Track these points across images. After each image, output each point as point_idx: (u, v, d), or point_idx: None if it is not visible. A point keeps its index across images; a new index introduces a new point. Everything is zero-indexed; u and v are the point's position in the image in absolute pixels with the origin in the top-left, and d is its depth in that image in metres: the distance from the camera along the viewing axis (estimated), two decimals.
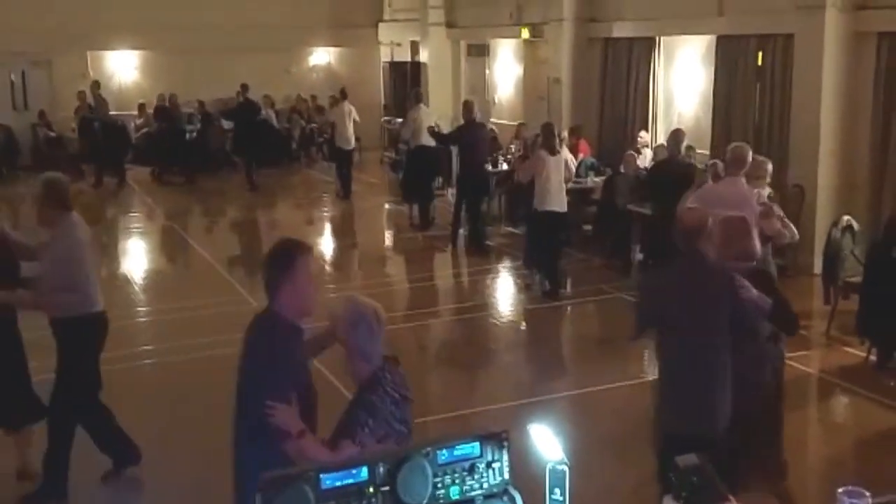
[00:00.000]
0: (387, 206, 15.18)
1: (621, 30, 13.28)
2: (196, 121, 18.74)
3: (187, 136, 18.18)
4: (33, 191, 5.46)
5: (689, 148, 9.64)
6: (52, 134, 18.12)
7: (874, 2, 9.24)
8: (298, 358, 3.34)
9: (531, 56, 16.22)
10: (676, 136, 9.01)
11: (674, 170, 8.61)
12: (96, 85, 17.47)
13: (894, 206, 8.96)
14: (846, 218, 8.37)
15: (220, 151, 18.36)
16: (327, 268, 11.83)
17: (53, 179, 5.13)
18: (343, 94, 15.89)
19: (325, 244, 13.44)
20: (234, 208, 16.10)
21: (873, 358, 7.23)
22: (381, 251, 12.93)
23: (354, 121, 15.55)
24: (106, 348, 5.58)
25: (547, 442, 2.53)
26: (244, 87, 16.72)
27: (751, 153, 6.91)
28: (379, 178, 17.51)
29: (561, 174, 9.41)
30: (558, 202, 9.40)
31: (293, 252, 3.31)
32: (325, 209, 15.58)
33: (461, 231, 11.97)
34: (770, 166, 7.03)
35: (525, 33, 15.44)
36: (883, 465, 6.00)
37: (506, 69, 17.24)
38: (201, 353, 8.09)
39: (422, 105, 13.75)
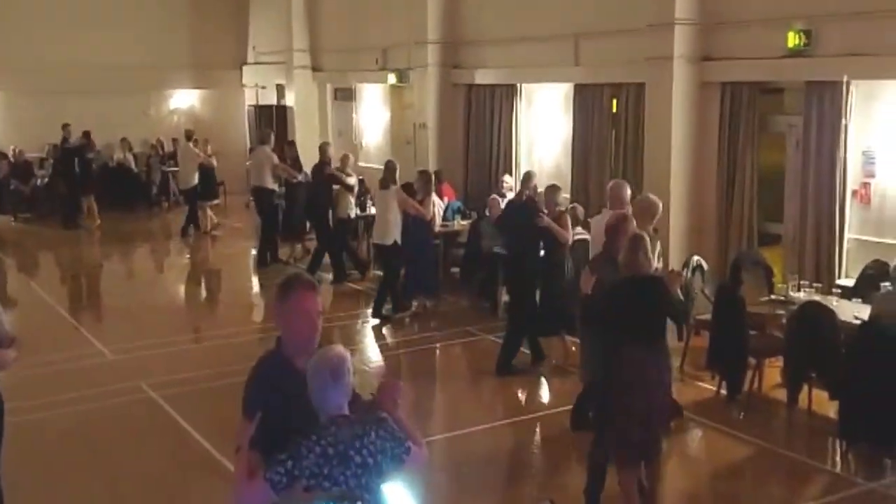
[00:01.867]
0: (253, 251, 14.86)
1: (484, 77, 13.60)
2: (48, 166, 17.88)
3: (38, 181, 17.31)
4: None
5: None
6: None
7: (718, 53, 9.83)
8: (286, 391, 3.22)
9: (397, 101, 16.37)
10: (527, 177, 9.44)
11: (518, 210, 8.83)
12: None
13: (739, 248, 9.46)
14: (696, 258, 8.78)
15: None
16: (187, 316, 11.47)
17: None
18: (188, 136, 16.32)
19: (182, 291, 13.04)
20: (89, 255, 15.42)
21: (724, 392, 7.56)
22: (245, 297, 12.65)
23: (207, 164, 15.85)
24: None
25: (399, 498, 2.49)
26: (65, 127, 16.84)
27: (627, 189, 7.38)
28: (244, 222, 17.18)
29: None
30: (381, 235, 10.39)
31: (287, 286, 3.33)
32: (186, 255, 15.14)
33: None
34: (660, 207, 7.19)
35: (391, 78, 15.58)
36: (737, 495, 6.25)
37: (373, 113, 17.32)
38: (51, 411, 7.63)
39: (263, 146, 13.68)
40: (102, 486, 6.31)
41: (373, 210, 12.79)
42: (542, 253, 8.42)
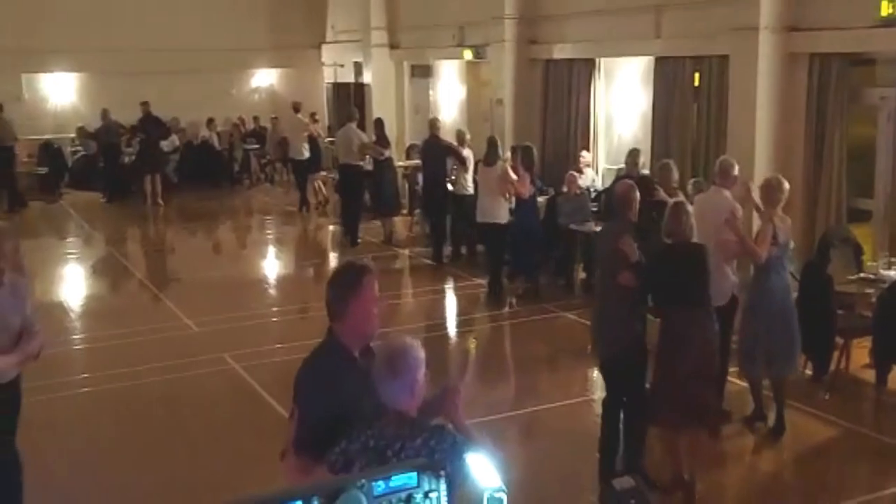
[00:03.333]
0: (331, 227, 15.11)
1: (562, 51, 13.43)
2: (135, 144, 18.42)
3: (126, 158, 17.85)
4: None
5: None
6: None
7: (805, 23, 9.49)
8: (344, 385, 3.15)
9: (474, 77, 16.31)
10: (633, 154, 9.26)
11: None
12: None
13: (827, 225, 9.17)
14: None
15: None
16: (272, 291, 11.73)
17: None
18: (295, 108, 16.56)
19: (266, 267, 13.32)
20: (174, 231, 15.88)
21: (809, 372, 7.37)
22: (325, 273, 12.85)
23: (315, 135, 16.31)
24: (40, 377, 5.40)
25: (484, 469, 2.50)
26: (144, 105, 17.11)
27: (736, 167, 7.00)
28: (321, 196, 17.42)
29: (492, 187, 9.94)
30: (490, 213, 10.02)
31: (359, 273, 3.25)
32: (268, 231, 15.46)
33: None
34: (786, 188, 6.55)
35: (468, 55, 15.53)
36: (823, 477, 6.10)
37: (449, 90, 17.31)
38: (140, 380, 7.92)
39: (350, 125, 13.81)
40: (185, 453, 6.50)
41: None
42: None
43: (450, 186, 12.22)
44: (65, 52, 18.24)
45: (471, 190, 11.69)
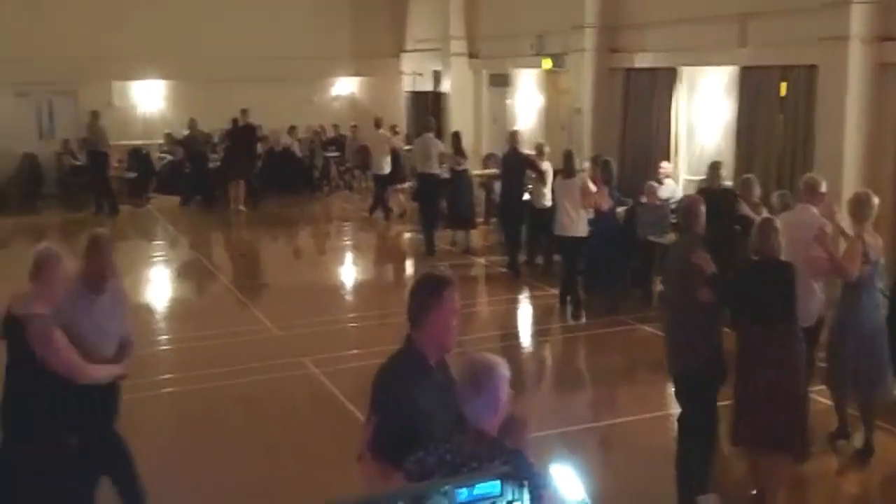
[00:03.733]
0: (407, 234, 15.24)
1: (643, 60, 13.30)
2: (220, 150, 18.94)
3: (210, 164, 18.35)
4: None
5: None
6: (77, 162, 18.29)
7: None
8: (418, 393, 3.19)
9: (553, 86, 16.27)
10: (715, 167, 9.12)
11: (712, 199, 8.57)
12: (94, 115, 17.38)
13: None
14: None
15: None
16: (349, 297, 11.90)
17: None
18: (377, 123, 16.79)
19: (344, 273, 13.51)
20: (256, 236, 16.23)
21: None
22: (401, 281, 12.98)
23: (397, 149, 16.60)
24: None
25: (568, 481, 2.50)
26: (244, 113, 17.40)
27: (823, 184, 6.90)
28: (401, 207, 17.59)
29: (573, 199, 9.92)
30: (568, 227, 9.98)
31: (440, 284, 3.31)
32: (346, 238, 15.69)
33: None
34: (876, 202, 6.39)
35: (547, 64, 15.50)
36: None
37: (527, 99, 17.30)
38: (222, 381, 8.11)
39: (428, 134, 13.92)
40: (265, 456, 6.61)
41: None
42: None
43: (527, 197, 12.21)
44: (153, 60, 18.86)
45: (549, 202, 11.63)
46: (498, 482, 2.52)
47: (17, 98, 18.55)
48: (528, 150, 12.51)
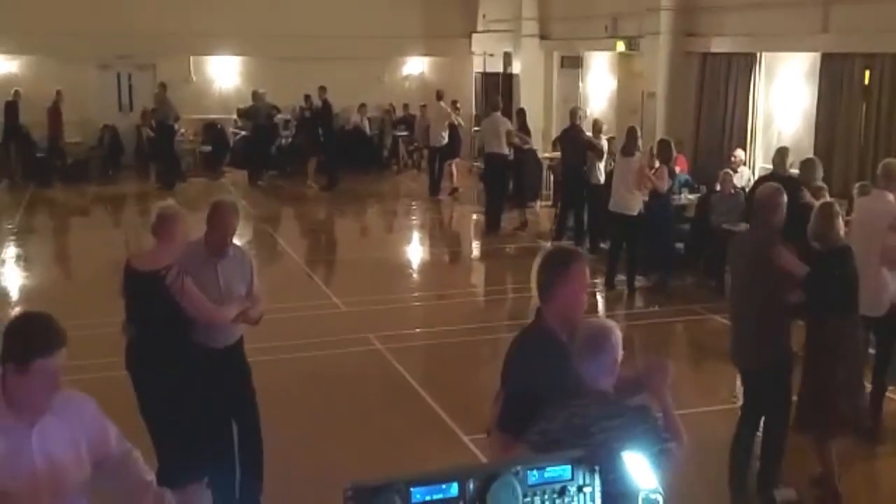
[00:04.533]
0: (474, 215, 15.25)
1: (720, 45, 13.01)
2: (291, 126, 19.16)
3: (282, 140, 18.58)
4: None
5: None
6: (153, 134, 18.72)
7: None
8: (548, 367, 3.25)
9: (626, 69, 16.03)
10: (781, 153, 8.88)
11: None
12: (162, 87, 17.76)
13: None
14: None
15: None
16: (415, 275, 11.98)
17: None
18: (438, 96, 16.92)
19: (410, 251, 13.60)
20: (324, 212, 16.43)
21: None
22: (467, 260, 13.02)
23: (455, 123, 16.62)
24: None
25: (640, 469, 2.49)
26: (322, 90, 17.55)
27: None
28: (467, 187, 17.61)
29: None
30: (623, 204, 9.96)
31: (568, 258, 3.37)
32: (413, 217, 15.77)
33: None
34: None
35: (620, 46, 15.28)
36: None
37: (599, 82, 17.09)
38: (289, 355, 8.24)
39: (496, 113, 13.89)
40: (328, 429, 6.71)
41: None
42: None
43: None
44: (230, 36, 19.14)
45: (602, 179, 11.76)
46: (569, 466, 2.52)
47: (98, 71, 19.06)
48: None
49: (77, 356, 5.24)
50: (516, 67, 18.88)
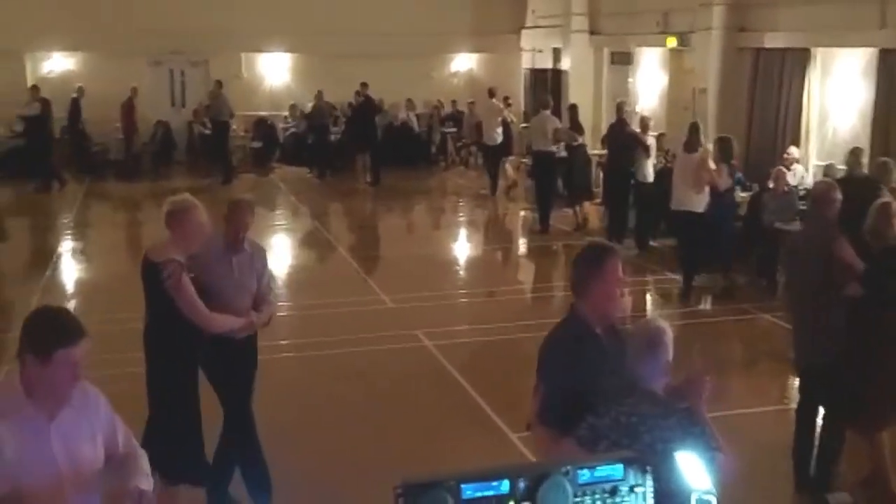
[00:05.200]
0: (522, 212, 15.22)
1: (773, 40, 12.78)
2: (341, 123, 19.30)
3: (332, 137, 18.73)
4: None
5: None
6: (207, 131, 18.98)
7: None
8: (583, 360, 3.30)
9: (677, 65, 15.83)
10: (856, 154, 8.75)
11: (853, 187, 8.25)
12: (217, 85, 18.02)
13: None
14: None
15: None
16: (462, 272, 11.99)
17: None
18: (490, 93, 16.84)
19: (458, 248, 13.61)
20: (373, 208, 16.53)
21: None
22: (515, 257, 12.99)
23: (508, 121, 16.61)
24: None
25: (694, 470, 2.47)
26: (363, 86, 17.77)
27: None
28: (510, 180, 17.55)
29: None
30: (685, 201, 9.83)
31: (602, 254, 3.40)
32: (461, 213, 15.78)
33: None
34: None
35: (671, 42, 15.10)
36: None
37: (649, 78, 16.91)
38: (337, 350, 8.31)
39: (545, 111, 13.84)
40: (374, 424, 6.72)
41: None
42: None
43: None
44: (280, 33, 19.34)
45: (650, 178, 11.65)
46: (620, 466, 2.51)
47: (152, 67, 19.40)
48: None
49: (128, 349, 5.39)
50: (565, 64, 18.75)
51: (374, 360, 8.11)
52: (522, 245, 13.57)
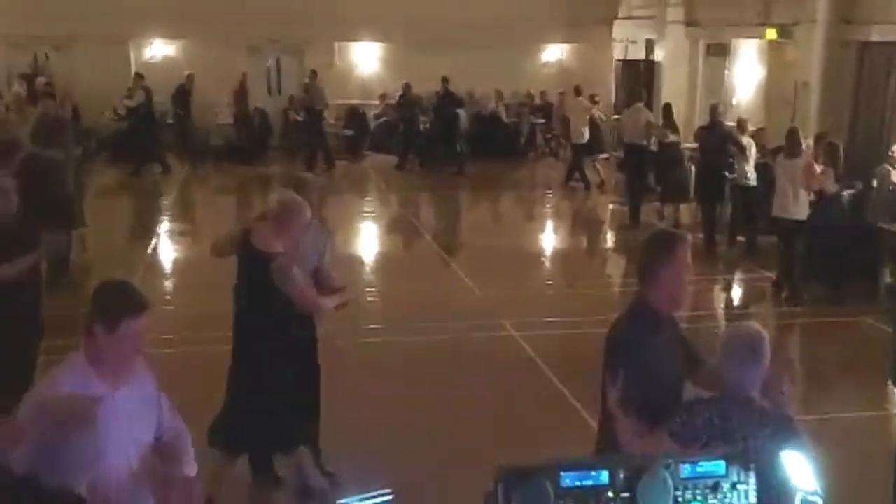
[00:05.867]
0: (610, 205, 15.04)
1: (882, 33, 12.29)
2: (430, 113, 19.37)
3: (421, 126, 18.84)
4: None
5: None
6: (301, 118, 19.31)
7: None
8: (651, 348, 3.27)
9: (776, 58, 15.38)
10: None
11: None
12: (313, 74, 18.26)
13: None
14: None
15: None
16: (549, 264, 11.95)
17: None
18: (577, 91, 16.66)
19: (545, 239, 13.55)
20: (461, 198, 16.58)
21: None
22: (602, 251, 12.87)
23: (596, 119, 16.44)
24: (332, 322, 5.86)
25: (800, 470, 2.42)
26: (445, 80, 17.80)
27: None
28: (607, 178, 17.38)
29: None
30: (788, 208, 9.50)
31: (672, 241, 3.39)
32: (549, 205, 15.71)
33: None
34: None
35: (772, 34, 14.68)
36: None
37: (747, 71, 16.47)
38: (423, 336, 8.37)
39: (638, 104, 13.63)
40: (459, 413, 6.73)
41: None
42: None
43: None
44: (373, 23, 19.53)
45: (753, 181, 11.28)
46: (722, 462, 2.47)
47: (249, 55, 19.85)
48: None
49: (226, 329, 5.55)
50: (659, 55, 18.42)
51: (461, 348, 8.14)
52: (611, 239, 13.42)
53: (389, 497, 3.01)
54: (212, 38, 18.78)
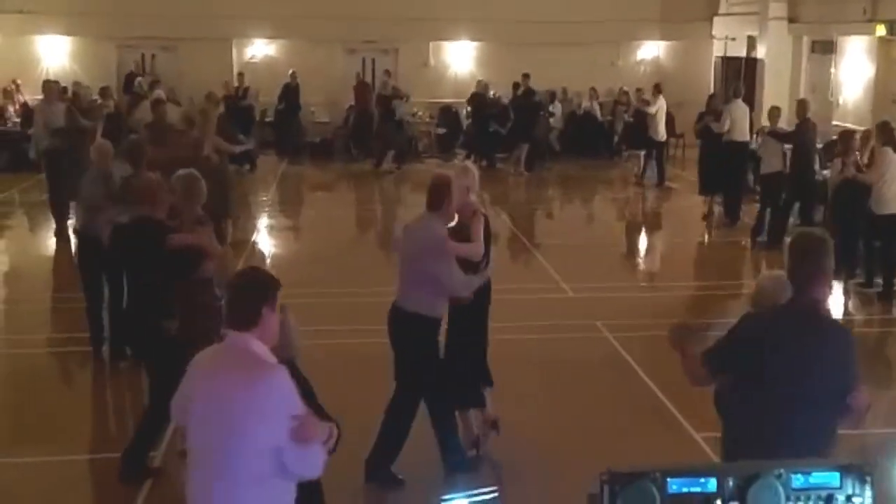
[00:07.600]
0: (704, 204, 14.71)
1: None
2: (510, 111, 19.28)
3: (493, 127, 18.73)
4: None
5: None
6: (395, 118, 19.50)
7: None
8: (777, 339, 3.45)
9: (885, 55, 14.80)
10: None
11: None
12: (386, 74, 18.55)
13: None
14: None
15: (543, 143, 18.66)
16: (642, 264, 11.78)
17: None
18: (657, 89, 16.55)
19: (638, 239, 13.38)
20: (551, 196, 16.51)
21: None
22: (694, 251, 12.65)
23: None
24: None
25: None
26: (525, 78, 17.75)
27: None
28: (687, 174, 17.03)
29: None
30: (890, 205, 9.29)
31: (825, 246, 3.53)
32: (643, 204, 15.51)
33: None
34: None
35: (880, 30, 14.14)
36: None
37: (854, 69, 15.89)
38: (515, 336, 8.33)
39: (738, 100, 13.31)
40: (553, 414, 6.73)
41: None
42: None
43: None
44: (467, 21, 19.62)
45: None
46: (837, 473, 2.42)
47: (345, 55, 20.18)
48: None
49: (323, 322, 5.68)
50: (760, 52, 17.97)
51: (554, 349, 8.10)
52: (708, 238, 13.15)
53: (495, 493, 3.05)
54: (310, 39, 19.26)
